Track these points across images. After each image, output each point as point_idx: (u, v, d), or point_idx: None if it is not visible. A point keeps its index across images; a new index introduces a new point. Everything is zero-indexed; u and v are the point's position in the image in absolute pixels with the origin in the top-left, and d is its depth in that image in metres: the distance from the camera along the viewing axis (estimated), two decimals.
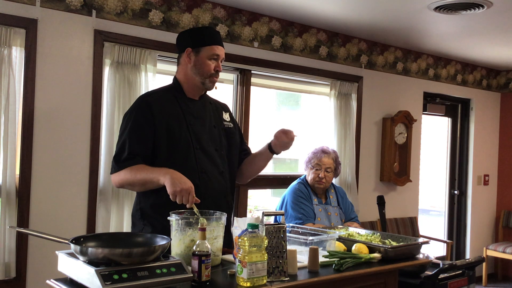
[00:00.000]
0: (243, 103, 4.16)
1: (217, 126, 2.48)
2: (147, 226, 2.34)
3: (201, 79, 2.38)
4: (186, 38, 2.42)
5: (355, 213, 3.69)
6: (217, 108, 2.56)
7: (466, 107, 6.22)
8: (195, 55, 2.37)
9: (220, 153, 2.44)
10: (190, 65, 2.39)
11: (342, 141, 4.67)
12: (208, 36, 2.38)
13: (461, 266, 3.06)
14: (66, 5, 3.23)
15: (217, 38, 2.42)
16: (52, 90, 3.20)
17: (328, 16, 4.16)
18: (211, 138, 2.42)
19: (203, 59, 2.36)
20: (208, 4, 3.83)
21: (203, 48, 2.36)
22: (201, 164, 2.34)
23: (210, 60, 2.37)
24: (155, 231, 2.28)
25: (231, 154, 2.52)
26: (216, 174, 2.39)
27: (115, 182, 2.32)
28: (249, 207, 4.51)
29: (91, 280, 1.65)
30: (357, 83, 4.83)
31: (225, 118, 2.55)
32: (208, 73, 2.37)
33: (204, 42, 2.37)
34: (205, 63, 2.36)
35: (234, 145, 2.55)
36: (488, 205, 6.36)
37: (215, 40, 2.39)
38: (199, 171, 2.31)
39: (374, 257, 2.38)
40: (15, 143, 3.07)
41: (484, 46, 5.08)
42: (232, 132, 2.55)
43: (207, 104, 2.50)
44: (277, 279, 1.97)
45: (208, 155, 2.38)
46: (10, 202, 3.04)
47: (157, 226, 2.30)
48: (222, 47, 2.42)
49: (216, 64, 2.38)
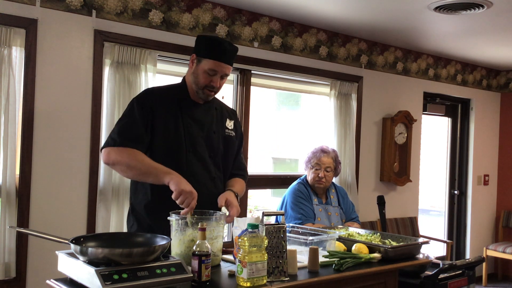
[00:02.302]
0: (243, 103, 4.16)
1: (217, 132, 2.45)
2: (135, 222, 2.37)
3: (196, 88, 2.37)
4: (198, 43, 2.38)
5: (356, 213, 3.69)
6: (222, 115, 2.51)
7: (466, 107, 6.22)
8: (197, 63, 2.35)
9: (214, 160, 2.42)
10: (191, 71, 2.38)
11: (342, 141, 4.66)
12: (214, 50, 2.31)
13: (461, 266, 3.06)
14: (66, 5, 3.23)
15: (225, 55, 2.32)
16: (52, 90, 3.20)
17: (328, 16, 4.16)
18: (207, 143, 2.39)
19: (200, 70, 2.33)
20: (208, 4, 3.83)
21: (205, 59, 2.32)
22: (191, 167, 2.32)
23: (206, 73, 2.32)
24: (141, 229, 2.31)
25: (226, 162, 2.50)
26: (206, 179, 2.37)
27: (111, 158, 2.24)
28: (249, 207, 4.52)
29: (91, 280, 1.65)
30: (357, 83, 4.83)
31: (227, 126, 2.51)
32: (202, 85, 2.34)
33: (208, 54, 2.32)
34: (201, 75, 2.33)
35: (230, 154, 2.52)
36: (488, 205, 6.36)
37: (220, 57, 2.31)
38: (188, 174, 2.28)
39: (374, 257, 2.38)
40: (15, 143, 3.07)
41: (484, 46, 5.08)
42: (231, 141, 2.52)
43: (212, 110, 2.46)
44: (277, 279, 1.97)
45: (201, 160, 2.36)
46: (10, 202, 3.04)
47: (143, 224, 2.32)
48: (227, 64, 2.33)
49: (212, 79, 2.33)
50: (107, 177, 3.35)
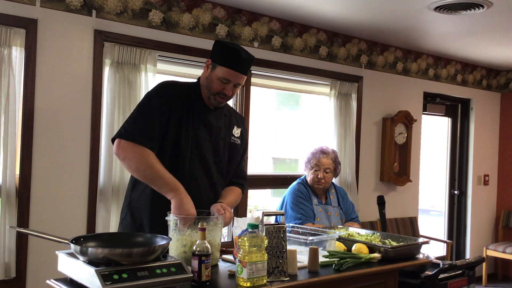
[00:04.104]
0: (243, 103, 4.16)
1: (224, 138, 2.43)
2: (128, 215, 2.36)
3: (208, 93, 2.34)
4: (215, 49, 2.34)
5: (355, 213, 3.69)
6: (231, 121, 2.50)
7: (466, 107, 6.22)
8: (212, 69, 2.32)
9: (218, 166, 2.40)
10: (205, 76, 2.35)
11: (342, 141, 4.66)
12: (230, 58, 2.27)
13: (461, 266, 3.06)
14: (66, 5, 3.23)
15: (240, 64, 2.29)
16: (52, 90, 3.20)
17: (328, 16, 4.16)
18: (213, 148, 2.37)
19: (214, 77, 2.30)
20: (208, 4, 3.83)
21: (220, 66, 2.28)
22: (193, 171, 2.30)
23: (220, 81, 2.29)
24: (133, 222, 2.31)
25: (229, 169, 2.49)
26: (206, 185, 2.35)
27: (122, 152, 2.20)
28: (249, 207, 4.51)
29: (91, 280, 1.65)
30: (357, 83, 4.83)
31: (234, 133, 2.49)
32: (214, 91, 2.31)
33: (223, 61, 2.28)
34: (214, 81, 2.30)
35: (234, 161, 2.51)
36: (488, 205, 6.36)
37: (236, 66, 2.27)
38: (189, 177, 2.28)
39: (374, 257, 2.38)
40: (15, 143, 3.07)
41: (484, 46, 5.08)
42: (236, 149, 2.50)
43: (222, 116, 2.44)
44: (277, 279, 1.98)
45: (205, 164, 2.34)
46: (10, 202, 3.05)
47: (137, 220, 2.32)
48: (241, 74, 2.30)
49: (225, 87, 2.29)
50: (107, 177, 3.35)
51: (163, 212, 2.12)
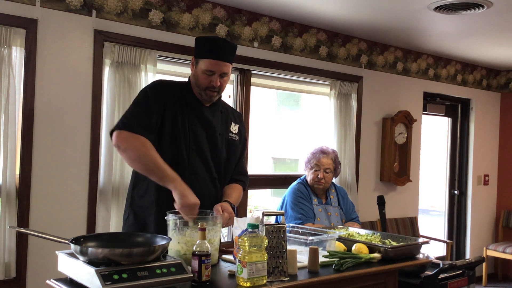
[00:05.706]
0: (243, 103, 4.16)
1: (222, 135, 2.43)
2: (131, 215, 2.36)
3: (198, 90, 2.35)
4: (196, 45, 2.36)
5: (356, 213, 3.69)
6: (227, 118, 2.50)
7: (466, 107, 6.22)
8: (196, 65, 2.34)
9: (216, 161, 2.40)
10: (192, 74, 2.37)
11: (342, 141, 4.66)
12: (209, 49, 2.28)
13: (461, 266, 3.06)
14: (66, 5, 3.23)
15: (220, 52, 2.28)
16: (52, 90, 3.20)
17: (328, 16, 4.16)
18: (210, 144, 2.38)
19: (199, 72, 2.31)
20: (208, 4, 3.83)
21: (201, 60, 2.30)
22: (192, 165, 2.31)
23: (205, 74, 2.30)
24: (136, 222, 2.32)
25: (228, 166, 2.49)
26: (207, 179, 2.36)
27: (122, 142, 2.19)
28: (249, 207, 4.52)
29: (91, 280, 1.65)
30: (357, 83, 4.83)
31: (232, 130, 2.49)
32: (203, 86, 2.32)
33: (204, 54, 2.29)
34: (200, 76, 2.31)
35: (233, 158, 2.50)
36: (488, 205, 6.36)
37: (215, 54, 2.27)
38: (189, 172, 2.29)
39: (374, 257, 2.38)
40: (15, 143, 3.07)
41: (484, 46, 5.08)
42: (235, 146, 2.50)
43: (217, 112, 2.45)
44: (277, 279, 1.98)
45: (203, 159, 2.35)
46: (10, 202, 3.04)
47: (140, 219, 2.32)
48: (223, 61, 2.29)
49: (211, 79, 2.29)
50: (107, 177, 3.35)
51: (170, 208, 2.12)
